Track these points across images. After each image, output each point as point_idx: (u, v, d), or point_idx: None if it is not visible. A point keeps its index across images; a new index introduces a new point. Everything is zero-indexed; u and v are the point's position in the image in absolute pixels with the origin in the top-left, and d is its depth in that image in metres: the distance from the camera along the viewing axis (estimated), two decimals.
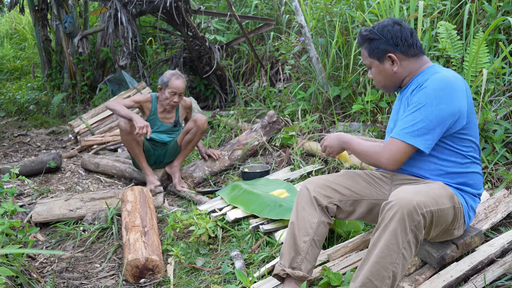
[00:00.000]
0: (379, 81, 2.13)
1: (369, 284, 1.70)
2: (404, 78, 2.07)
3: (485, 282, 1.96)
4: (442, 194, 1.85)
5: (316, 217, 2.05)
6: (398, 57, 2.03)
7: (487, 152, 2.89)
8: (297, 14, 4.17)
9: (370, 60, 2.10)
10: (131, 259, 2.60)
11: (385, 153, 1.92)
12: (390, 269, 1.69)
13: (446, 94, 1.85)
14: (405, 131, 1.88)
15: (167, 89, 3.77)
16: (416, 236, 1.71)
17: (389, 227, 1.70)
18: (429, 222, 1.75)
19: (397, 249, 1.69)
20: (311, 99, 4.39)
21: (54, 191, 3.95)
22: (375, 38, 2.04)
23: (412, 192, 1.75)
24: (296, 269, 2.02)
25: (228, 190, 3.40)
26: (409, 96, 2.00)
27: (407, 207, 1.68)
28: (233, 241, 2.88)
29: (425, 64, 2.05)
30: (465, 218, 1.99)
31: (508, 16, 3.33)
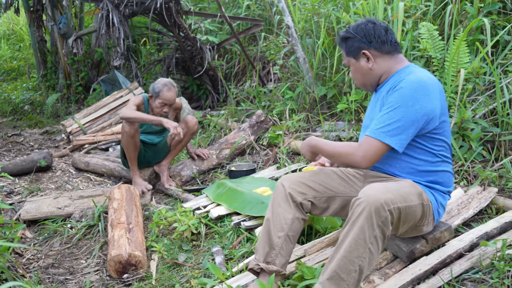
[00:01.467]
0: (357, 78, 2.19)
1: (336, 277, 1.75)
2: (381, 75, 2.12)
3: (451, 275, 2.01)
4: (411, 192, 1.91)
5: (291, 213, 2.10)
6: (373, 54, 2.09)
7: (464, 150, 2.95)
8: (284, 15, 4.23)
9: (347, 58, 2.17)
10: (114, 255, 2.66)
11: (360, 151, 1.95)
12: (356, 263, 1.74)
13: (421, 95, 1.90)
14: (381, 130, 1.92)
15: (157, 99, 3.75)
16: (383, 231, 1.77)
17: (357, 223, 1.75)
18: (396, 218, 1.81)
19: (364, 244, 1.74)
20: (299, 99, 4.45)
21: (44, 189, 4.01)
22: (350, 36, 2.12)
23: (381, 189, 1.81)
24: (270, 263, 2.08)
25: (214, 188, 3.46)
26: (384, 96, 2.05)
27: (374, 204, 1.74)
28: (215, 238, 2.94)
29: (401, 63, 2.10)
30: (434, 214, 2.05)
31: (491, 16, 3.40)
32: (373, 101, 2.22)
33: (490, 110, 3.12)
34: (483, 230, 2.26)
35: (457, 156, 2.94)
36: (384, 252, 2.23)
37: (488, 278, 1.99)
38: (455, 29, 3.48)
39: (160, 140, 4.00)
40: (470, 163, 2.92)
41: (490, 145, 3.02)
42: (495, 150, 2.95)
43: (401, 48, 2.17)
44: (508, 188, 2.64)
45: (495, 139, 2.99)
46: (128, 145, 3.72)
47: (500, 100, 2.97)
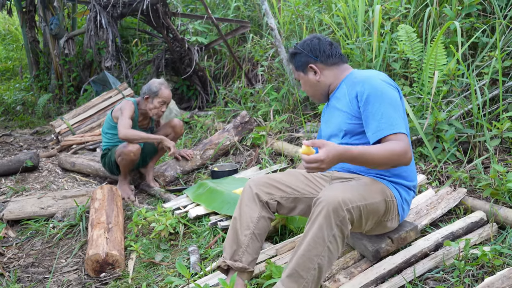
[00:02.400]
0: (307, 91, 2.30)
1: (295, 274, 1.80)
2: (329, 85, 2.24)
3: (414, 274, 2.06)
4: (372, 189, 1.96)
5: (257, 212, 2.16)
6: (319, 67, 2.22)
7: (438, 151, 3.00)
8: (268, 17, 4.27)
9: (297, 73, 2.29)
10: (92, 254, 2.71)
11: (407, 150, 1.92)
12: (315, 261, 1.79)
13: (381, 82, 2.04)
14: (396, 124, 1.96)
15: (156, 99, 3.72)
16: (342, 230, 1.81)
17: (316, 222, 1.80)
18: (357, 216, 1.86)
19: (322, 242, 1.79)
20: (283, 100, 4.49)
21: (30, 189, 4.05)
22: (297, 52, 2.25)
23: (340, 189, 1.86)
24: (237, 261, 2.13)
25: (195, 188, 3.50)
26: (344, 98, 2.14)
27: (332, 204, 1.79)
28: (193, 237, 2.98)
29: (346, 71, 2.23)
30: (399, 210, 2.09)
31: (470, 19, 3.44)
32: (329, 110, 2.28)
33: (466, 111, 3.16)
34: (449, 230, 2.30)
35: (430, 157, 2.99)
36: (351, 252, 2.27)
37: (449, 277, 2.03)
38: (434, 31, 3.52)
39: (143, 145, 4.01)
40: (444, 164, 2.96)
41: (465, 146, 3.06)
42: (470, 151, 2.99)
43: (346, 59, 2.27)
44: (478, 189, 2.68)
45: (470, 141, 3.03)
46: (128, 163, 3.71)
47: (475, 102, 3.01)
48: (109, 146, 3.88)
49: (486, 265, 2.06)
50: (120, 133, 3.57)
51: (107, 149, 3.88)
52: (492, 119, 3.09)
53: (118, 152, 3.66)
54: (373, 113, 1.99)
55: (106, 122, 3.93)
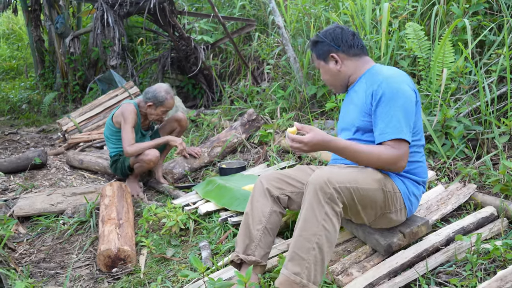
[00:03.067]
0: (327, 80, 2.29)
1: (296, 257, 1.84)
2: (349, 76, 2.23)
3: (427, 268, 2.08)
4: (366, 176, 1.99)
5: (269, 206, 2.19)
6: (340, 57, 2.20)
7: (447, 148, 3.02)
8: (275, 15, 4.30)
9: (317, 61, 2.27)
10: (104, 249, 2.73)
11: (402, 156, 1.98)
12: (313, 240, 1.82)
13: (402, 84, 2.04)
14: (399, 129, 1.97)
15: (161, 108, 3.72)
16: (333, 208, 1.86)
17: (306, 203, 1.87)
18: (349, 198, 1.90)
19: (316, 221, 1.83)
20: (290, 98, 4.52)
21: (38, 186, 4.08)
22: (319, 41, 2.23)
23: (328, 170, 1.93)
24: (250, 255, 2.15)
25: (203, 185, 3.52)
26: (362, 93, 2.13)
27: (318, 182, 1.85)
28: (203, 233, 3.01)
29: (368, 64, 2.23)
30: (405, 203, 2.12)
31: (477, 17, 3.46)
32: (347, 102, 2.30)
33: (474, 108, 3.18)
34: (460, 225, 2.32)
35: (439, 153, 3.01)
36: (363, 246, 2.29)
37: (462, 271, 2.05)
38: (441, 29, 3.55)
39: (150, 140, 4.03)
40: (452, 160, 2.98)
41: (473, 143, 3.08)
42: (478, 148, 3.01)
43: (367, 52, 2.28)
44: (487, 185, 2.70)
45: (478, 137, 3.05)
46: (147, 170, 3.77)
47: (483, 99, 3.03)
48: (119, 152, 3.87)
49: (498, 259, 2.08)
50: (127, 152, 3.59)
51: (118, 155, 3.87)
52: (500, 116, 3.11)
53: (137, 159, 3.68)
54: (383, 114, 2.01)
55: (107, 128, 3.88)
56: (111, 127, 3.84)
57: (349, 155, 2.02)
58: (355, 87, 2.23)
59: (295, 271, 1.82)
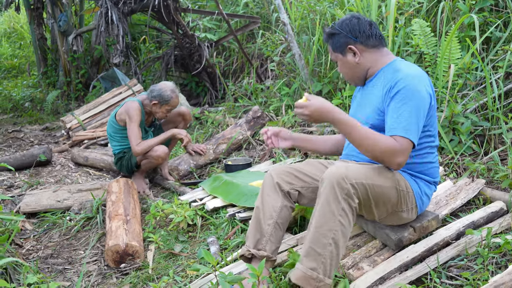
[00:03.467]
0: (346, 73, 2.21)
1: (312, 252, 1.83)
2: (368, 69, 2.15)
3: (438, 262, 2.08)
4: (380, 173, 1.97)
5: (279, 201, 2.18)
6: (359, 48, 2.11)
7: (454, 144, 3.02)
8: (280, 12, 4.30)
9: (334, 54, 2.19)
10: (112, 245, 2.73)
11: (402, 153, 1.91)
12: (329, 236, 1.82)
13: (421, 86, 1.98)
14: (406, 128, 1.92)
15: (166, 106, 3.74)
16: (350, 203, 1.85)
17: (322, 198, 1.85)
18: (364, 194, 1.88)
19: (332, 217, 1.82)
20: (295, 95, 4.51)
21: (44, 183, 4.08)
22: (335, 32, 2.14)
23: (344, 166, 1.90)
24: (261, 250, 2.15)
25: (210, 181, 3.52)
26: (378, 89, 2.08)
27: (335, 178, 1.83)
28: (211, 229, 3.01)
29: (387, 57, 2.15)
30: (417, 202, 2.10)
31: (483, 13, 3.46)
32: (362, 96, 2.24)
33: (481, 104, 3.18)
34: (470, 219, 2.32)
35: (447, 149, 3.01)
36: (373, 241, 2.29)
37: (473, 265, 2.06)
38: (448, 26, 3.54)
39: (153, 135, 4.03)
40: (460, 156, 2.98)
41: (480, 139, 3.08)
42: (485, 144, 3.01)
43: (385, 42, 2.21)
44: (496, 180, 2.70)
45: (485, 133, 3.05)
46: (155, 166, 3.80)
47: (490, 95, 3.03)
48: (123, 149, 3.87)
49: (509, 253, 2.08)
50: (135, 152, 3.62)
51: (122, 152, 3.86)
52: (507, 112, 3.10)
53: (145, 156, 3.69)
54: (394, 110, 1.96)
55: (110, 126, 3.87)
56: (115, 125, 3.83)
57: (348, 130, 1.95)
58: (373, 81, 2.16)
59: (312, 266, 1.82)
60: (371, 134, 1.93)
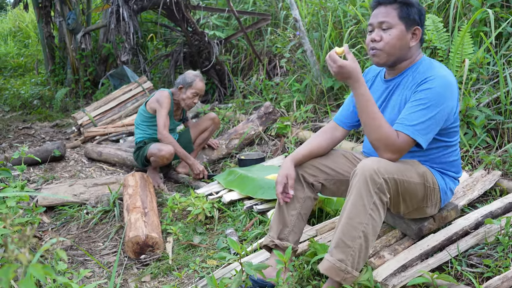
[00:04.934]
0: (393, 45, 1.98)
1: (341, 244, 1.84)
2: (407, 60, 2.05)
3: (458, 250, 2.12)
4: (412, 169, 1.96)
5: (303, 192, 2.21)
6: (418, 35, 2.02)
7: (469, 137, 3.05)
8: (292, 9, 4.33)
9: (397, 21, 1.97)
10: (132, 236, 2.77)
11: (397, 146, 1.89)
12: (359, 229, 1.82)
13: (449, 94, 1.92)
14: (415, 128, 1.89)
15: (189, 89, 3.83)
16: (381, 198, 1.84)
17: (354, 191, 1.84)
18: (394, 190, 1.88)
19: (363, 210, 1.82)
20: (306, 91, 4.55)
21: (59, 178, 4.12)
22: (413, 5, 1.99)
23: (376, 160, 1.88)
24: (284, 240, 2.18)
25: (225, 175, 3.56)
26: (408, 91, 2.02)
27: (368, 171, 1.82)
28: (228, 221, 3.05)
29: (419, 54, 2.09)
30: (442, 197, 2.12)
31: (494, 9, 3.49)
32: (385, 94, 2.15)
33: (494, 99, 3.21)
34: (487, 209, 2.36)
35: (462, 142, 3.05)
36: (392, 230, 2.33)
37: (493, 253, 2.09)
38: (459, 21, 3.58)
39: (178, 136, 4.07)
40: (475, 149, 3.02)
41: (494, 132, 3.12)
42: (499, 137, 3.05)
43: None
44: (511, 172, 2.74)
45: (499, 127, 3.09)
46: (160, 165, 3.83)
47: (503, 90, 3.07)
48: (144, 138, 3.92)
49: None
50: (160, 133, 3.70)
51: (143, 142, 3.91)
52: None
53: (151, 152, 3.74)
54: (413, 104, 1.92)
55: (139, 114, 3.97)
56: (144, 113, 3.92)
57: (363, 104, 1.92)
58: (402, 80, 2.07)
59: (340, 258, 1.83)
60: (380, 118, 1.91)
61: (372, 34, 2.03)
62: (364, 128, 1.97)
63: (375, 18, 2.03)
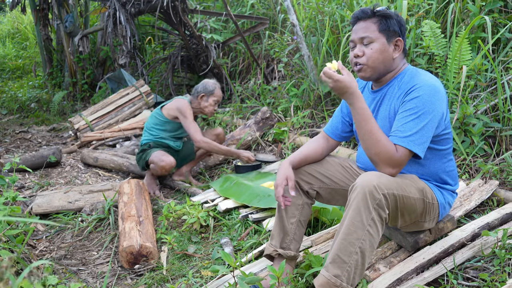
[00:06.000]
0: (376, 59, 1.99)
1: (338, 259, 1.81)
2: (391, 71, 2.06)
3: (454, 263, 2.09)
4: (411, 185, 1.94)
5: (300, 199, 2.20)
6: (400, 46, 2.03)
7: (466, 145, 3.03)
8: (289, 13, 4.31)
9: (378, 35, 1.98)
10: (126, 246, 2.74)
11: (397, 161, 1.87)
12: (356, 245, 1.79)
13: (437, 100, 1.91)
14: (410, 139, 1.88)
15: (212, 97, 3.92)
16: (380, 214, 1.81)
17: (353, 206, 1.81)
18: (393, 205, 1.85)
19: (362, 226, 1.79)
20: (303, 96, 4.53)
21: (54, 184, 4.09)
22: (392, 17, 2.00)
23: (376, 175, 1.85)
24: (286, 249, 2.18)
25: (221, 182, 3.54)
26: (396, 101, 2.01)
27: (368, 187, 1.79)
28: (224, 230, 3.02)
29: (404, 64, 2.09)
30: (440, 211, 2.10)
31: (492, 15, 3.47)
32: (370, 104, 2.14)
33: (492, 106, 3.19)
34: (484, 221, 2.33)
35: (459, 150, 3.02)
36: (388, 242, 2.30)
37: (490, 266, 2.07)
38: (457, 27, 3.55)
39: (182, 145, 4.04)
40: (472, 157, 2.99)
41: (492, 140, 3.09)
42: (496, 145, 3.02)
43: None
44: (509, 181, 2.71)
45: (497, 134, 3.07)
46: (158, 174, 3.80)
47: (501, 96, 3.04)
48: (150, 141, 3.90)
49: None
50: (196, 141, 3.71)
51: (148, 145, 3.88)
52: None
53: (153, 160, 3.72)
54: (404, 115, 1.91)
55: (153, 118, 3.96)
56: (159, 116, 3.93)
57: (360, 119, 1.89)
58: (388, 91, 2.07)
59: (336, 273, 1.81)
60: (378, 132, 1.88)
61: (354, 50, 2.03)
62: (362, 143, 1.94)
63: (355, 34, 2.04)
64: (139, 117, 5.66)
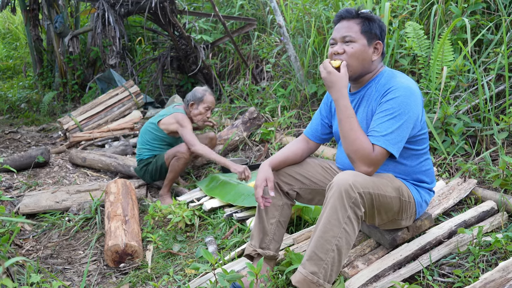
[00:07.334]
0: (356, 58, 2.03)
1: (314, 257, 1.85)
2: (369, 73, 2.10)
3: (430, 260, 2.14)
4: (387, 184, 1.98)
5: (280, 200, 2.24)
6: (380, 50, 2.08)
7: (447, 144, 3.08)
8: (276, 15, 4.35)
9: (359, 36, 2.03)
10: (111, 245, 2.77)
11: (373, 160, 1.91)
12: (333, 242, 1.83)
13: (413, 101, 1.95)
14: (386, 139, 1.91)
15: (201, 104, 3.79)
16: (356, 212, 1.85)
17: (329, 204, 1.85)
18: (369, 204, 1.89)
19: (338, 224, 1.83)
20: (290, 96, 4.57)
21: (42, 184, 4.11)
22: (375, 20, 2.05)
23: (352, 174, 1.89)
24: (265, 249, 2.21)
25: (207, 181, 3.57)
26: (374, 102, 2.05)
27: (344, 185, 1.82)
28: (209, 229, 3.06)
29: (382, 67, 2.14)
30: (417, 209, 2.14)
31: (475, 16, 3.53)
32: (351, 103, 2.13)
33: (473, 106, 3.24)
34: (461, 218, 2.38)
35: (440, 150, 3.07)
36: (367, 240, 2.35)
37: (464, 263, 2.12)
38: (440, 28, 3.61)
39: None
40: (453, 156, 3.05)
41: (472, 139, 3.15)
42: (477, 145, 3.07)
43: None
44: (487, 180, 2.76)
45: (477, 134, 3.12)
46: (180, 169, 3.66)
47: (482, 97, 3.10)
48: (154, 154, 3.82)
49: (499, 251, 2.14)
50: (194, 148, 3.57)
51: (153, 157, 3.81)
52: (498, 113, 3.17)
53: (172, 153, 3.65)
54: (381, 116, 1.95)
55: (148, 132, 3.83)
56: (156, 132, 3.81)
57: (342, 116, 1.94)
58: (365, 89, 2.11)
59: (313, 270, 1.84)
60: (358, 131, 1.92)
61: (334, 47, 2.06)
62: (342, 141, 1.98)
63: (337, 32, 2.07)
64: (128, 117, 5.68)
